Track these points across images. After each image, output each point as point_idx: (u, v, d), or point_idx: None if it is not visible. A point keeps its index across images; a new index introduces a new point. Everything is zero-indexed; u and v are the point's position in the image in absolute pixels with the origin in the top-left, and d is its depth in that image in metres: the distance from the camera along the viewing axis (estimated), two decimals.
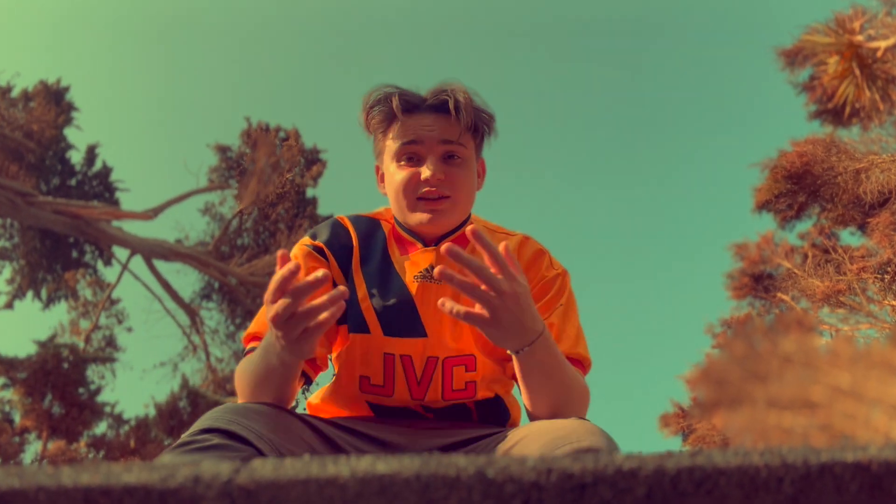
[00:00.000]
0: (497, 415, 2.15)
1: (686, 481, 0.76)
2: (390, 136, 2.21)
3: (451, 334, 2.08)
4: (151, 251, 19.98)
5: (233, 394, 20.60)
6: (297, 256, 2.16)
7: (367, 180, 2.44)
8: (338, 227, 2.26)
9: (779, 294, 15.57)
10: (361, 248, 2.21)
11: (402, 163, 2.16)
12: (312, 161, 23.61)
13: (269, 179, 20.85)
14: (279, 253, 1.66)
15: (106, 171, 24.72)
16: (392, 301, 2.09)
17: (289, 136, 23.33)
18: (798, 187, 13.79)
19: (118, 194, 24.79)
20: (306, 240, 2.23)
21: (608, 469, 0.76)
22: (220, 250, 21.46)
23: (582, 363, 2.11)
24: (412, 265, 2.14)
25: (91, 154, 24.66)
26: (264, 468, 0.75)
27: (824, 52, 13.30)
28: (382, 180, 2.30)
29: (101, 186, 24.59)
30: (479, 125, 2.22)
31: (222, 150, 23.57)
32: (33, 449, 16.76)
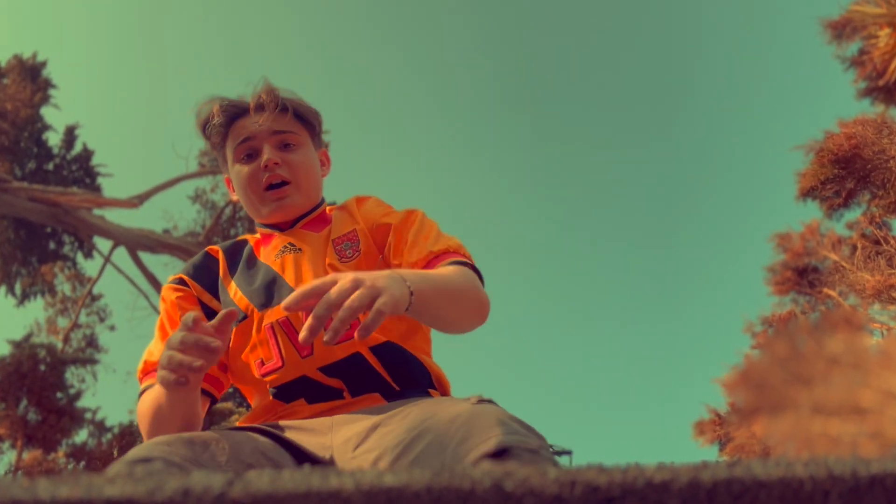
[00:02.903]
0: (409, 370, 2.21)
1: (723, 495, 0.76)
2: (228, 143, 2.52)
3: None
4: (136, 242, 20.01)
5: (225, 399, 20.64)
6: (164, 299, 2.44)
7: (372, 164, 2.58)
8: (200, 256, 2.57)
9: (825, 289, 15.54)
10: (227, 261, 2.49)
11: (242, 160, 2.47)
12: None
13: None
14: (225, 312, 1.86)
15: (86, 154, 24.77)
16: (259, 282, 2.33)
17: None
18: (846, 172, 13.75)
19: (100, 180, 24.87)
20: (169, 277, 2.51)
21: (638, 481, 0.76)
22: (211, 241, 21.44)
23: (447, 252, 2.29)
24: (272, 250, 2.42)
25: (70, 135, 24.72)
26: (261, 480, 0.75)
27: (875, 23, 13.27)
28: (232, 188, 2.60)
29: (81, 171, 24.64)
30: (303, 114, 2.54)
31: None
32: (7, 459, 16.77)
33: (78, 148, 24.74)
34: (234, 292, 2.34)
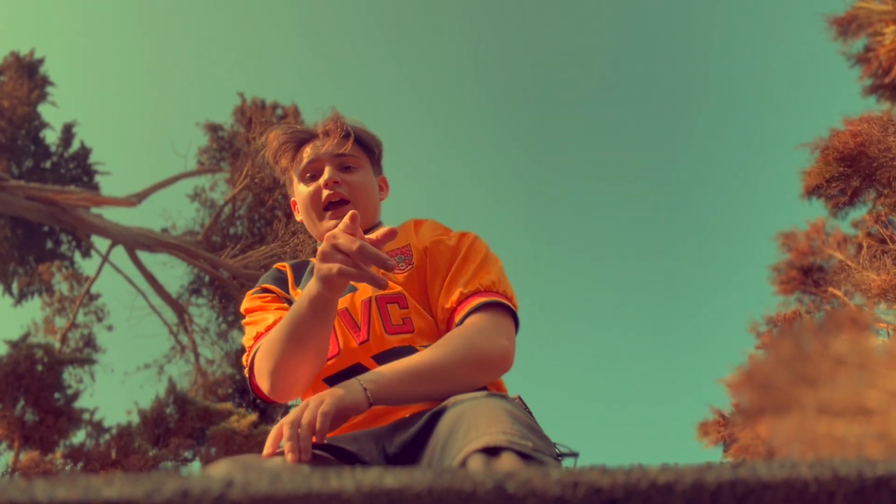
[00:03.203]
0: None
1: (727, 496, 0.76)
2: (294, 166, 2.80)
3: None
4: (135, 241, 19.98)
5: (224, 399, 20.62)
6: (248, 309, 2.65)
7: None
8: (271, 271, 2.84)
9: (830, 288, 15.54)
10: (294, 274, 2.75)
11: (306, 180, 2.73)
12: None
13: (265, 162, 20.71)
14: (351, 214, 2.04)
15: (84, 152, 24.73)
16: None
17: (287, 113, 23.31)
18: (852, 170, 13.72)
19: (98, 178, 24.83)
20: (251, 291, 2.75)
21: (641, 483, 0.76)
22: (210, 240, 21.43)
23: (477, 293, 2.40)
24: None
25: (68, 133, 24.68)
26: (260, 482, 0.75)
27: (880, 20, 13.28)
28: (297, 209, 2.86)
29: (78, 169, 24.61)
30: (364, 141, 2.80)
31: (213, 129, 23.56)
32: (4, 460, 16.69)
33: (75, 146, 24.70)
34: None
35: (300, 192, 2.73)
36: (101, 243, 21.73)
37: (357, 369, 2.30)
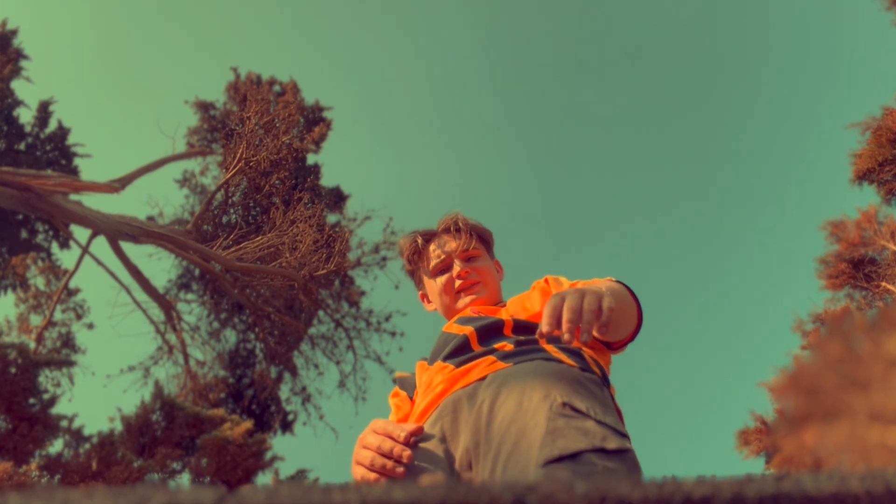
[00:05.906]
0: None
1: None
2: (423, 263, 3.47)
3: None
4: (118, 231, 19.98)
5: (216, 404, 20.63)
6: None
7: (378, 146, 2.79)
8: None
9: (883, 283, 15.52)
10: None
11: (438, 275, 3.39)
12: (314, 121, 23.62)
13: (261, 143, 20.74)
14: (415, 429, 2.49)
15: (62, 132, 24.75)
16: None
17: (285, 90, 23.34)
18: None
19: (77, 161, 24.86)
20: None
21: (675, 496, 0.76)
22: (201, 230, 21.41)
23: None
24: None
25: (44, 112, 24.70)
26: (255, 495, 0.75)
27: None
28: (428, 300, 3.54)
29: (56, 151, 24.63)
30: (480, 235, 3.52)
31: (204, 107, 23.61)
32: None
33: (52, 126, 24.71)
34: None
35: (433, 285, 3.43)
36: (80, 233, 21.84)
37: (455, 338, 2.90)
